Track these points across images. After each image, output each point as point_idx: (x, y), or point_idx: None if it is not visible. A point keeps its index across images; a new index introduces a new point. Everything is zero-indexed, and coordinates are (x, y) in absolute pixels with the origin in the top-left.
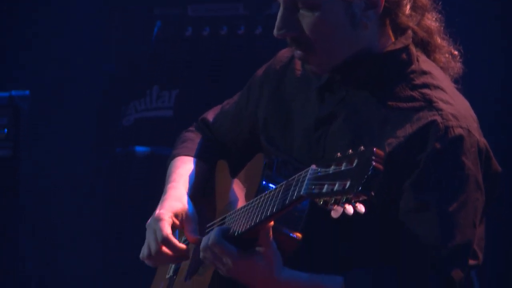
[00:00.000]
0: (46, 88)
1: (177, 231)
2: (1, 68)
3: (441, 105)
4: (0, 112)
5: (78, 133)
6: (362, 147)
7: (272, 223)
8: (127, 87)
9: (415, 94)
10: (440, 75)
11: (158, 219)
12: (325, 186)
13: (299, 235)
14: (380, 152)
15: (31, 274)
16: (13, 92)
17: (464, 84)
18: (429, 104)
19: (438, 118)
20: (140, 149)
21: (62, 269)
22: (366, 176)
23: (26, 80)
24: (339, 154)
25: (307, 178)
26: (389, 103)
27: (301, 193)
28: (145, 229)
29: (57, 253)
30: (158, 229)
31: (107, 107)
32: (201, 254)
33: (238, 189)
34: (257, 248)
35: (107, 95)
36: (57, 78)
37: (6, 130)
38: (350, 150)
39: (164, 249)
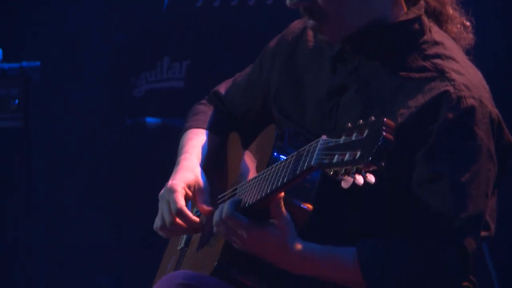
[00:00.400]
0: (57, 59)
1: (189, 202)
2: (12, 39)
3: (454, 75)
4: (11, 83)
5: (88, 104)
6: (372, 118)
7: (283, 194)
8: (137, 58)
9: (427, 64)
10: (452, 45)
11: (172, 190)
12: (336, 156)
13: (310, 206)
14: (391, 123)
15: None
16: (24, 63)
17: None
18: (441, 75)
19: (451, 89)
20: (150, 120)
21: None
22: (376, 146)
23: (37, 51)
24: (349, 124)
25: (317, 148)
26: (401, 73)
27: (312, 163)
28: (156, 200)
29: (64, 232)
30: (172, 201)
31: (118, 78)
32: (215, 229)
33: (249, 160)
34: (271, 220)
35: (117, 66)
36: (68, 49)
37: (17, 101)
38: (361, 121)
39: (178, 221)
